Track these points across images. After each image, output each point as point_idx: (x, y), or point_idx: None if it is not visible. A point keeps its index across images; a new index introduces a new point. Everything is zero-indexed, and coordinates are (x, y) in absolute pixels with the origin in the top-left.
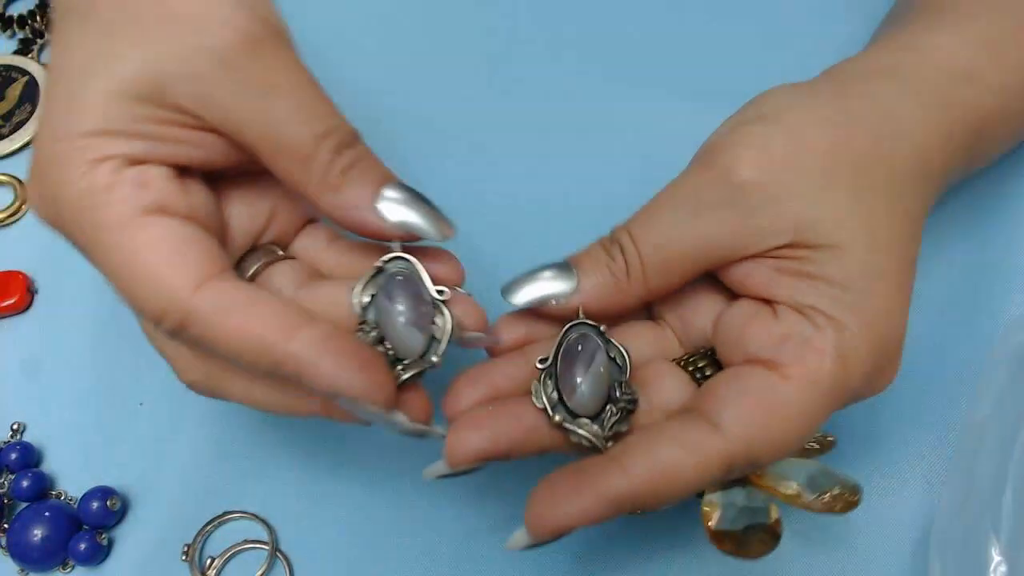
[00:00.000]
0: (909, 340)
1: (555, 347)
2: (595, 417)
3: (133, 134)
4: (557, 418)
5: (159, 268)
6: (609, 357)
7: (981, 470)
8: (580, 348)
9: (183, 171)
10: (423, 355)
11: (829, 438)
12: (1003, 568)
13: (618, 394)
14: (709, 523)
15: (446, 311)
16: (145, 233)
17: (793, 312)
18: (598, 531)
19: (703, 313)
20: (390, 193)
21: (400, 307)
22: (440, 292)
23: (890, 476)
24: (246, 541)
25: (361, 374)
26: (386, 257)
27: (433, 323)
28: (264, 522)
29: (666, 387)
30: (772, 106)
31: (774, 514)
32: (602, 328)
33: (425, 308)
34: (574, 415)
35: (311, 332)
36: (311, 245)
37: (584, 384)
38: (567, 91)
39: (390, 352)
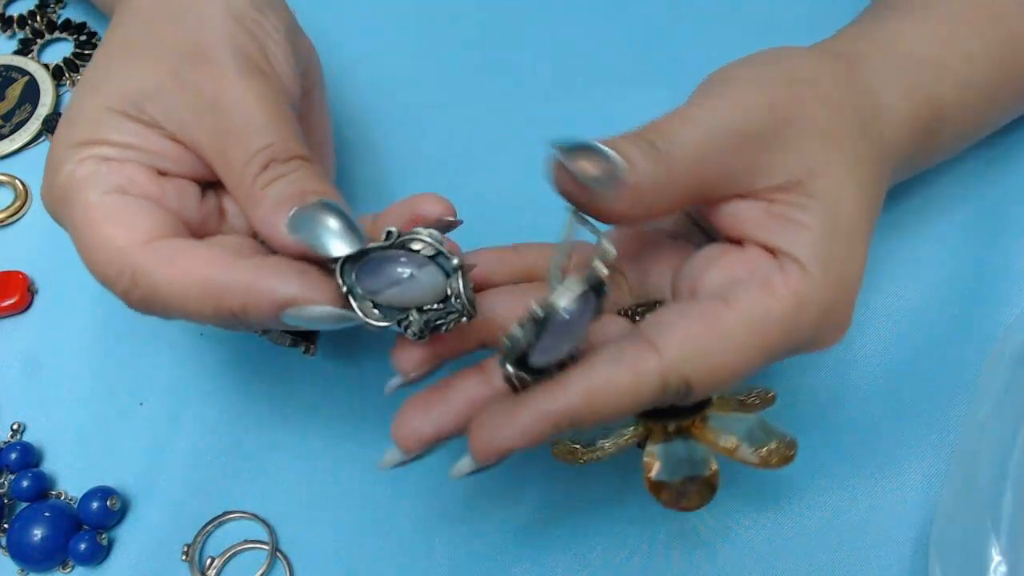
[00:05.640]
0: (909, 339)
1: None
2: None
3: (115, 143)
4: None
5: (111, 231)
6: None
7: (981, 470)
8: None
9: (163, 175)
10: (444, 301)
11: (770, 394)
12: (1003, 568)
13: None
14: (649, 474)
15: (456, 275)
16: (105, 207)
17: (763, 254)
18: (597, 532)
19: (662, 267)
20: (300, 209)
21: (402, 267)
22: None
23: (890, 476)
24: (246, 541)
25: (302, 278)
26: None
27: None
28: (264, 522)
29: (608, 330)
30: (799, 66)
31: (713, 466)
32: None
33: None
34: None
35: (249, 261)
36: None
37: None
38: (567, 92)
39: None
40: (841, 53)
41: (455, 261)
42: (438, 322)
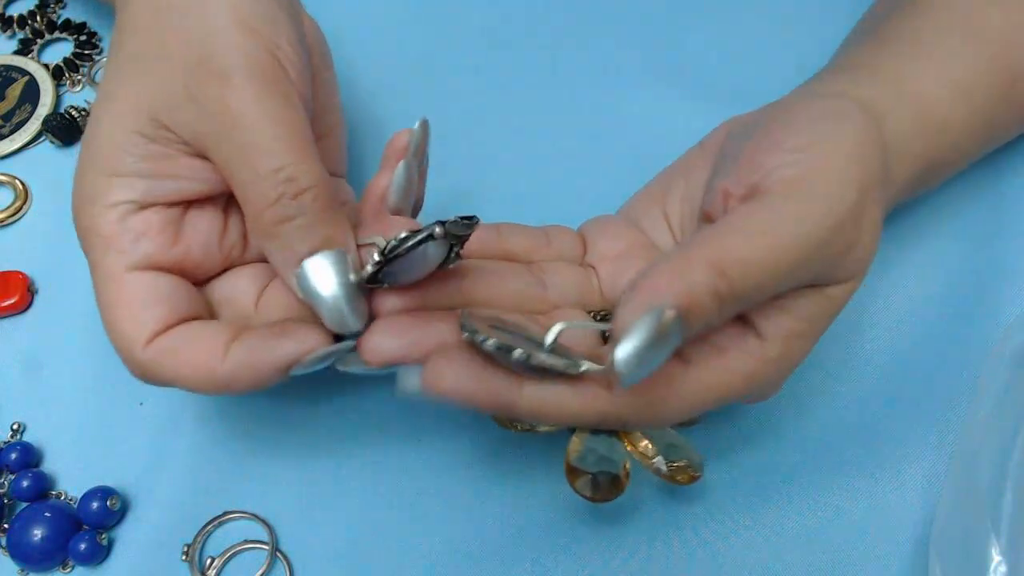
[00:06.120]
0: (910, 339)
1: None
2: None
3: (138, 174)
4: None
5: (123, 325)
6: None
7: (981, 470)
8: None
9: (191, 203)
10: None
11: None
12: (1003, 568)
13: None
14: (569, 459)
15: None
16: (121, 290)
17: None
18: (597, 533)
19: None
20: (310, 264)
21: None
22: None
23: (890, 476)
24: (246, 541)
25: (289, 336)
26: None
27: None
28: (264, 522)
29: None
30: (871, 167)
31: (626, 467)
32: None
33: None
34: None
35: (246, 344)
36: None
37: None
38: (569, 90)
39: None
40: (872, 110)
41: (436, 230)
42: (462, 247)
